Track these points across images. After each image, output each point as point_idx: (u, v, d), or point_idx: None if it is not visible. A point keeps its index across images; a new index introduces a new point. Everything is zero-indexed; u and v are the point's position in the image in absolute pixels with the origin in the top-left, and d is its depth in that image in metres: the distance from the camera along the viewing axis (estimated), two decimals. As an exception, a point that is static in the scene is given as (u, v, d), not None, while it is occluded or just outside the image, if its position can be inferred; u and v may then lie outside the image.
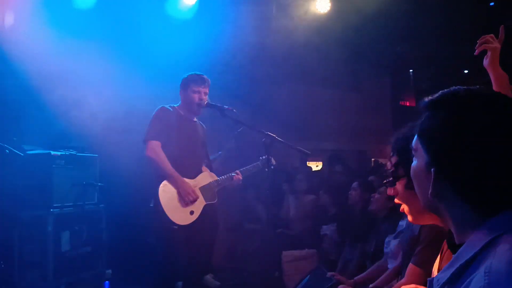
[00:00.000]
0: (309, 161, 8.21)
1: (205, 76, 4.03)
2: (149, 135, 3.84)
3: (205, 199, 3.94)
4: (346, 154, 8.05)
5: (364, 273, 3.74)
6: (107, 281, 4.92)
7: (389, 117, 10.20)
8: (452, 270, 1.04)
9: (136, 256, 5.20)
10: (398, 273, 2.98)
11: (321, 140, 8.56)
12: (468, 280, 0.98)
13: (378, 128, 9.57)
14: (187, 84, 3.99)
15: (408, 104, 10.85)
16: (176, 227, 3.73)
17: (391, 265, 3.45)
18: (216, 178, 4.08)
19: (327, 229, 5.03)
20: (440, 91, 1.15)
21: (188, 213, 3.82)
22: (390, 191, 1.82)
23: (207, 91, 4.01)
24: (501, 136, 1.03)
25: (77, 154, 4.85)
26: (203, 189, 3.96)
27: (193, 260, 3.93)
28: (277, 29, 6.59)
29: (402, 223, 3.40)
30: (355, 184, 4.55)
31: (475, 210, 1.06)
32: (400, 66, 9.83)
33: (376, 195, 4.03)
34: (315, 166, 9.08)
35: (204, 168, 4.11)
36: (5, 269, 3.96)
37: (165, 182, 3.78)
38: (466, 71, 9.67)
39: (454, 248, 1.46)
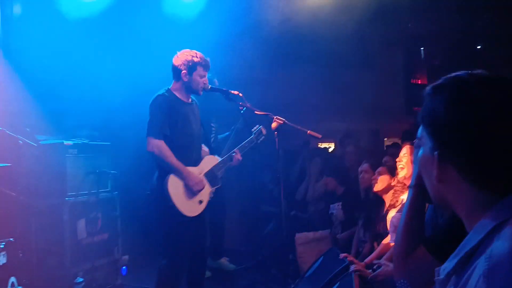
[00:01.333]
0: (321, 143, 8.18)
1: (208, 59, 3.85)
2: (150, 130, 3.68)
3: (211, 185, 3.88)
4: (359, 134, 7.97)
5: (373, 254, 3.76)
6: (124, 267, 5.00)
7: (401, 95, 10.08)
8: (457, 258, 1.01)
9: (152, 241, 5.25)
10: None
11: (333, 121, 8.50)
12: (472, 267, 0.96)
13: (391, 107, 9.47)
14: (194, 67, 3.77)
15: (420, 82, 10.69)
16: (186, 219, 3.68)
17: (393, 239, 3.45)
18: (217, 160, 3.97)
19: (333, 208, 5.03)
20: (442, 77, 1.13)
21: (197, 203, 3.78)
22: None
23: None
24: (503, 113, 1.00)
25: (90, 142, 4.90)
26: (207, 175, 3.87)
27: (199, 245, 3.90)
28: (287, 10, 6.51)
29: (404, 197, 3.39)
30: (365, 166, 4.49)
31: (481, 194, 1.03)
32: (412, 43, 9.67)
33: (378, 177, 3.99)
34: (328, 146, 9.04)
35: (204, 150, 4.01)
36: (24, 258, 4.03)
37: (171, 176, 3.67)
38: (479, 47, 9.48)
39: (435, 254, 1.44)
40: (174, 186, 3.67)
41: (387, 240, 3.64)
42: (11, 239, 3.70)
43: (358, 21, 6.86)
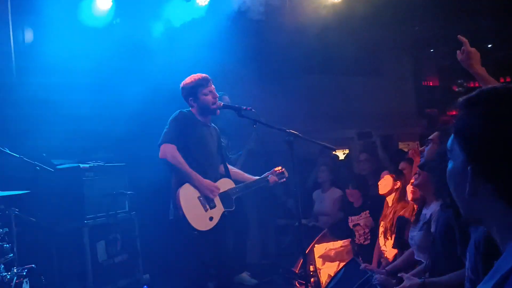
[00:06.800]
0: (335, 151, 8.16)
1: (205, 75, 3.91)
2: (164, 138, 3.73)
3: (224, 206, 3.84)
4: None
5: (395, 262, 3.73)
6: (146, 286, 5.01)
7: (412, 99, 10.06)
8: (493, 282, 0.98)
9: (172, 259, 5.26)
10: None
11: (345, 128, 8.49)
12: None
13: (402, 111, 9.45)
14: (194, 91, 3.86)
15: (431, 84, 10.66)
16: (196, 232, 3.65)
17: (419, 257, 3.41)
18: (234, 185, 3.99)
19: (358, 220, 4.98)
20: (477, 90, 1.10)
21: (208, 219, 3.73)
22: None
23: (213, 86, 3.92)
24: None
25: (105, 164, 4.94)
26: (221, 195, 3.86)
27: (219, 262, 3.89)
28: (295, 20, 6.53)
29: (426, 212, 3.33)
30: (384, 174, 4.48)
31: None
32: (420, 45, 9.65)
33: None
34: (342, 153, 9.02)
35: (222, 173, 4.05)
36: (46, 283, 4.06)
37: (185, 185, 3.68)
38: (489, 45, 9.42)
39: None
40: (186, 197, 3.67)
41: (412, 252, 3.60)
42: (33, 265, 3.72)
43: (365, 28, 6.88)
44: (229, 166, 4.24)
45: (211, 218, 3.76)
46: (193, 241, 3.71)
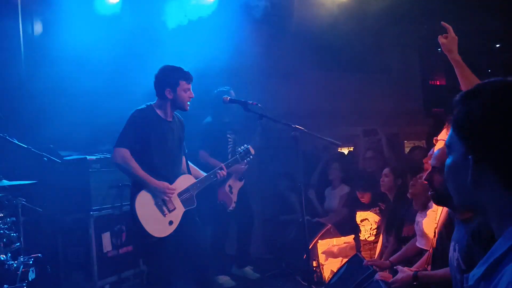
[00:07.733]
0: (340, 148, 8.17)
1: (189, 72, 3.79)
2: (118, 141, 3.64)
3: (184, 206, 3.76)
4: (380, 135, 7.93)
5: (399, 252, 3.76)
6: (149, 278, 5.05)
7: (419, 97, 10.04)
8: (486, 265, 1.02)
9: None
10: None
11: (351, 125, 8.48)
12: (500, 274, 0.96)
13: (409, 109, 9.43)
14: (176, 82, 3.71)
15: (438, 83, 10.64)
16: (154, 239, 3.57)
17: (420, 243, 3.47)
18: (194, 180, 3.87)
19: (367, 215, 4.99)
20: (474, 85, 1.14)
21: (167, 223, 3.64)
22: None
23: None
24: None
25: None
26: (182, 194, 3.78)
27: (191, 262, 3.83)
28: (300, 16, 6.54)
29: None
30: (386, 170, 4.49)
31: None
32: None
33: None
34: (347, 150, 9.01)
35: (195, 169, 3.98)
36: (52, 272, 4.10)
37: (141, 193, 3.60)
38: (497, 46, 9.39)
39: None
40: (142, 205, 3.58)
41: (415, 240, 3.64)
42: (40, 254, 3.77)
43: (373, 25, 6.87)
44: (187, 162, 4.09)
45: (170, 222, 3.66)
46: (153, 248, 3.61)
